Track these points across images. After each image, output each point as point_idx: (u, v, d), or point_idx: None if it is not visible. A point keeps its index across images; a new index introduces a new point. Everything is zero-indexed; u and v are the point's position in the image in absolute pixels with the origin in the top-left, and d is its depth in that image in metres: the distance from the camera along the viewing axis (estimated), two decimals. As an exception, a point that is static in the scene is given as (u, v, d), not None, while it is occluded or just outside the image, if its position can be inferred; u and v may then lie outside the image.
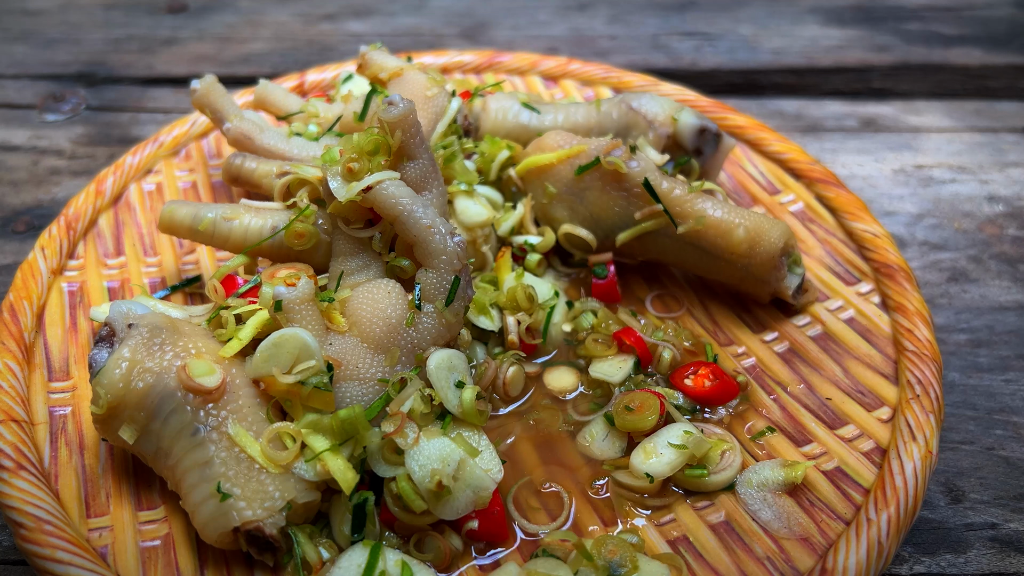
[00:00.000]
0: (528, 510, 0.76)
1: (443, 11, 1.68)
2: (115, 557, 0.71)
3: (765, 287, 0.90)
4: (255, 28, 1.62)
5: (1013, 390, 0.95)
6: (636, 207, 0.91)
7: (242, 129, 0.99)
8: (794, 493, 0.76)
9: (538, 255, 0.96)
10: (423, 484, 0.70)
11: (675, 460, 0.76)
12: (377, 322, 0.76)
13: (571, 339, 0.91)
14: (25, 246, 1.13)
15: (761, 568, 0.71)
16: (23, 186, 1.23)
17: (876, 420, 0.81)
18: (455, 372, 0.77)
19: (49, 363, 0.86)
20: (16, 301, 0.88)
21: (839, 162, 1.28)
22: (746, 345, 0.90)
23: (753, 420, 0.83)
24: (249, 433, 0.70)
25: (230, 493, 0.68)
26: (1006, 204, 1.20)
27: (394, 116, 0.77)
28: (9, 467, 0.73)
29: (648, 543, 0.73)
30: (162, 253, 0.99)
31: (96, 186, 1.03)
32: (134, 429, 0.70)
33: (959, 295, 1.06)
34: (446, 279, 0.77)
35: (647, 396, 0.80)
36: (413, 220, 0.76)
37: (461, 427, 0.75)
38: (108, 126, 1.35)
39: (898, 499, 0.72)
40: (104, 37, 1.59)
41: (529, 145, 0.99)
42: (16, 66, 1.50)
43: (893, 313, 0.89)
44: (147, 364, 0.70)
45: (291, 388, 0.71)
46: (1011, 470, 0.87)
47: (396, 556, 0.69)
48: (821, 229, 1.01)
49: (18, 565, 0.80)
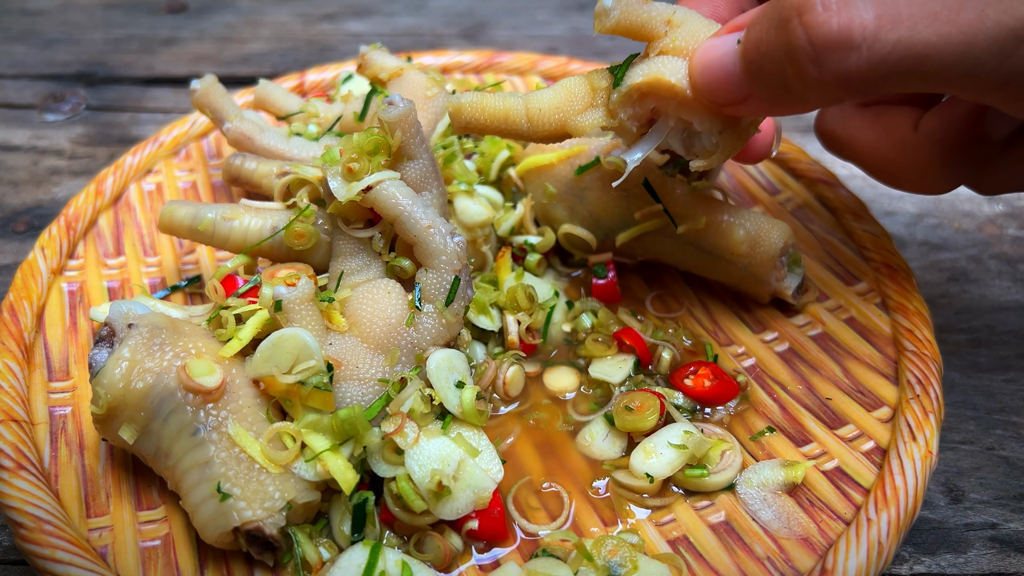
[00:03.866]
0: (528, 510, 0.76)
1: (443, 11, 1.68)
2: (115, 557, 0.71)
3: (765, 287, 0.90)
4: (255, 28, 1.63)
5: (1013, 390, 0.95)
6: (636, 207, 0.91)
7: (242, 129, 0.99)
8: (794, 493, 0.76)
9: (538, 255, 0.96)
10: (423, 484, 0.70)
11: (675, 460, 0.76)
12: (377, 322, 0.76)
13: (571, 339, 0.91)
14: (25, 246, 1.13)
15: (761, 568, 0.71)
16: (23, 186, 1.23)
17: (876, 420, 0.81)
18: (455, 372, 0.77)
19: (49, 363, 0.86)
20: (16, 301, 0.88)
21: (839, 162, 1.28)
22: (746, 345, 0.90)
23: (753, 420, 0.83)
24: (249, 433, 0.70)
25: (230, 493, 0.68)
26: (1006, 204, 1.20)
27: (394, 116, 0.77)
28: (9, 467, 0.73)
29: (648, 543, 0.73)
30: (162, 253, 0.99)
31: (96, 186, 1.03)
32: (134, 429, 0.70)
33: (959, 295, 1.06)
34: (446, 279, 0.77)
35: (647, 396, 0.80)
36: (413, 220, 0.77)
37: (461, 427, 0.75)
38: (108, 126, 1.35)
39: (898, 499, 0.72)
40: (104, 37, 1.59)
41: (529, 145, 0.99)
42: (16, 66, 1.50)
43: (893, 313, 0.89)
44: (147, 364, 0.70)
45: (291, 388, 0.71)
46: (1011, 470, 0.87)
47: (396, 556, 0.69)
48: (821, 229, 1.01)
49: (18, 565, 0.79)
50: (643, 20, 0.70)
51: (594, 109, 0.75)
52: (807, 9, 0.60)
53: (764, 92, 0.66)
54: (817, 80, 0.62)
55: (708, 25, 0.71)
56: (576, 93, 0.75)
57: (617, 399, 0.82)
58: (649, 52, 0.72)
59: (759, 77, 0.65)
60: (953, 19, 0.59)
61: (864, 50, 0.59)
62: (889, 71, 0.60)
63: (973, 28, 0.58)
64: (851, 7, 0.59)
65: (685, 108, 0.71)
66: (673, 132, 0.74)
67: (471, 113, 0.76)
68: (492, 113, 0.76)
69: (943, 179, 0.79)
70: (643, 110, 0.73)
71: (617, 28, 0.70)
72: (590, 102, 0.75)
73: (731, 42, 0.67)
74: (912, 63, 0.60)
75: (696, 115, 0.72)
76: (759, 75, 0.65)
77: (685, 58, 0.70)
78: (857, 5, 0.59)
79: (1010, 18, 0.58)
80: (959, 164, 0.77)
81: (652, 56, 0.71)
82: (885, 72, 0.60)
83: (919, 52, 0.59)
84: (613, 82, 0.73)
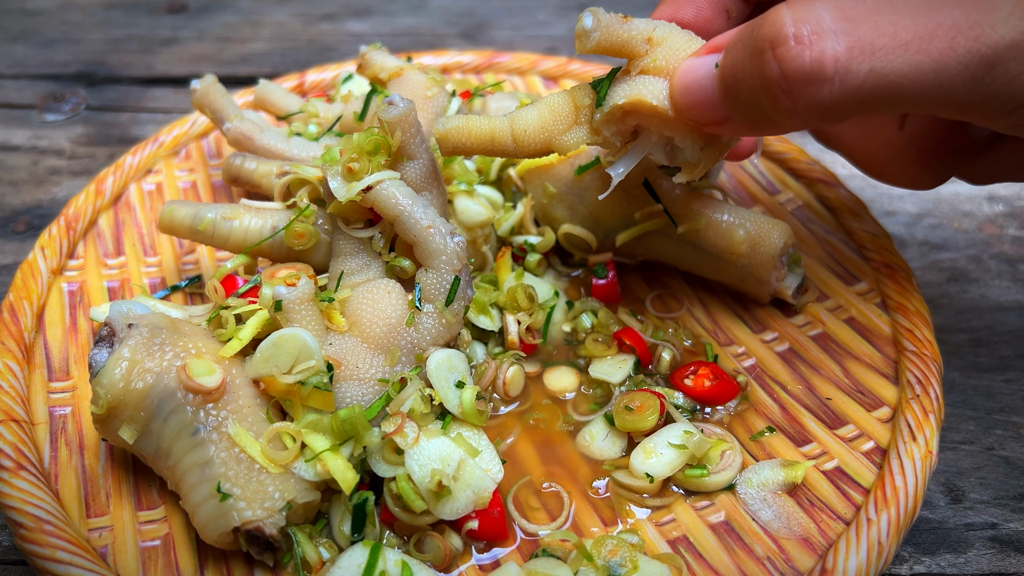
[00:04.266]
0: (528, 510, 0.76)
1: (443, 11, 1.68)
2: (115, 557, 0.71)
3: (765, 287, 0.90)
4: (255, 28, 1.63)
5: (1013, 390, 0.95)
6: (636, 207, 0.92)
7: (242, 129, 0.99)
8: (794, 493, 0.76)
9: (538, 255, 0.96)
10: (423, 484, 0.70)
11: (675, 460, 0.76)
12: (377, 322, 0.76)
13: (571, 339, 0.91)
14: (25, 246, 1.13)
15: (761, 568, 0.71)
16: (23, 186, 1.23)
17: (876, 420, 0.81)
18: (455, 372, 0.77)
19: (49, 363, 0.86)
20: (16, 301, 0.88)
21: (839, 162, 1.28)
22: (746, 345, 0.90)
23: (753, 420, 0.83)
24: (249, 433, 0.70)
25: (230, 493, 0.68)
26: (1006, 204, 1.20)
27: (394, 116, 0.77)
28: (9, 467, 0.73)
29: (648, 543, 0.73)
30: (162, 253, 0.99)
31: (96, 186, 1.03)
32: (134, 429, 0.70)
33: (959, 295, 1.06)
34: (446, 279, 0.77)
35: (647, 396, 0.80)
36: (413, 220, 0.77)
37: (461, 427, 0.75)
38: (108, 126, 1.35)
39: (898, 499, 0.72)
40: (104, 37, 1.59)
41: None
42: (16, 66, 1.50)
43: (893, 313, 0.89)
44: (147, 364, 0.70)
45: (291, 388, 0.71)
46: (1011, 470, 0.87)
47: (396, 556, 0.69)
48: (821, 229, 1.01)
49: (18, 565, 0.79)
50: (624, 40, 0.71)
51: (578, 127, 0.76)
52: (779, 42, 0.61)
53: (741, 116, 0.67)
54: (791, 110, 0.63)
55: (688, 41, 0.71)
56: (560, 112, 0.76)
57: (617, 399, 0.82)
58: (631, 69, 0.72)
59: (736, 102, 0.66)
60: (924, 48, 0.59)
61: (837, 82, 0.60)
62: (863, 99, 0.61)
63: (944, 56, 0.59)
64: (823, 40, 0.60)
65: (667, 126, 0.73)
66: (656, 146, 0.75)
67: (457, 138, 0.77)
68: (478, 137, 0.77)
69: (930, 175, 0.80)
70: (626, 127, 0.75)
71: (598, 48, 0.71)
72: (574, 120, 0.76)
73: (709, 65, 0.68)
74: (885, 91, 0.61)
75: (677, 132, 0.73)
76: (736, 100, 0.66)
77: (666, 78, 0.71)
78: (829, 37, 0.60)
79: (981, 45, 0.59)
80: (946, 161, 0.78)
81: (633, 75, 0.72)
82: (859, 100, 0.61)
83: (891, 81, 0.60)
84: (596, 100, 0.74)
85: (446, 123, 0.77)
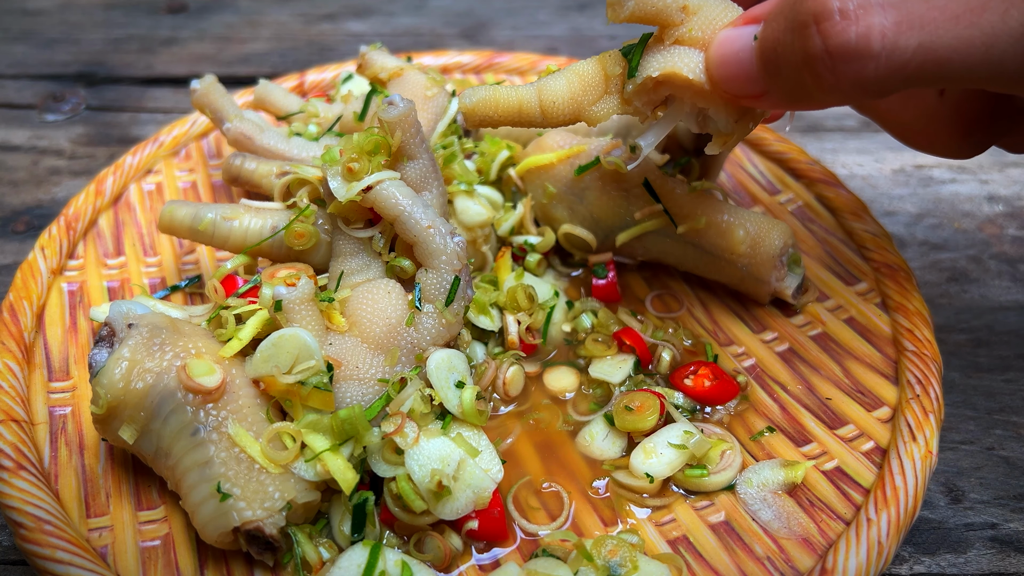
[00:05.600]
0: (528, 510, 0.76)
1: (443, 11, 1.68)
2: (115, 557, 0.71)
3: (765, 287, 0.90)
4: (255, 28, 1.62)
5: (1013, 390, 0.95)
6: (636, 207, 0.92)
7: (242, 129, 0.99)
8: (794, 493, 0.76)
9: (538, 255, 0.96)
10: (423, 484, 0.70)
11: (675, 460, 0.76)
12: (377, 322, 0.76)
13: (571, 339, 0.91)
14: (25, 246, 1.13)
15: (761, 568, 0.71)
16: (23, 186, 1.23)
17: (876, 420, 0.81)
18: (455, 372, 0.77)
19: (49, 363, 0.86)
20: (16, 301, 0.88)
21: (839, 162, 1.28)
22: (746, 345, 0.90)
23: (753, 420, 0.83)
24: (249, 433, 0.70)
25: (230, 493, 0.68)
26: (1006, 204, 1.20)
27: (394, 116, 0.77)
28: (9, 467, 0.73)
29: (648, 543, 0.73)
30: (162, 253, 0.99)
31: (96, 186, 1.03)
32: (134, 429, 0.70)
33: (959, 295, 1.06)
34: (446, 279, 0.77)
35: (647, 396, 0.80)
36: (413, 220, 0.77)
37: (461, 427, 0.75)
38: (108, 126, 1.35)
39: (898, 499, 0.72)
40: (104, 37, 1.59)
41: (529, 145, 0.99)
42: (16, 66, 1.50)
43: (893, 313, 0.89)
44: (147, 364, 0.70)
45: (291, 388, 0.71)
46: (1011, 470, 0.87)
47: (396, 556, 0.69)
48: (821, 229, 1.01)
49: (18, 565, 0.79)
50: (659, 8, 0.69)
51: (609, 97, 0.74)
52: (824, 17, 0.59)
53: (780, 91, 0.65)
54: (834, 86, 0.61)
55: (725, 10, 0.69)
56: (590, 82, 0.73)
57: (617, 399, 0.82)
58: (664, 38, 0.70)
59: (775, 77, 0.65)
60: (975, 21, 0.57)
61: (883, 58, 0.58)
62: (910, 75, 0.59)
63: (996, 29, 0.57)
64: (869, 14, 0.58)
65: (701, 98, 0.71)
66: (688, 114, 0.73)
67: (484, 111, 0.75)
68: (506, 108, 0.75)
69: (968, 144, 0.77)
70: (657, 96, 0.73)
71: (632, 17, 0.69)
72: (604, 89, 0.73)
73: (748, 36, 0.66)
74: (933, 67, 0.59)
75: (711, 104, 0.71)
76: (775, 75, 0.64)
77: (701, 49, 0.69)
78: (875, 11, 0.58)
79: None
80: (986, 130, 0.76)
81: (667, 45, 0.70)
82: (905, 76, 0.59)
83: (940, 56, 0.58)
84: (628, 71, 0.72)
85: (473, 95, 0.75)
